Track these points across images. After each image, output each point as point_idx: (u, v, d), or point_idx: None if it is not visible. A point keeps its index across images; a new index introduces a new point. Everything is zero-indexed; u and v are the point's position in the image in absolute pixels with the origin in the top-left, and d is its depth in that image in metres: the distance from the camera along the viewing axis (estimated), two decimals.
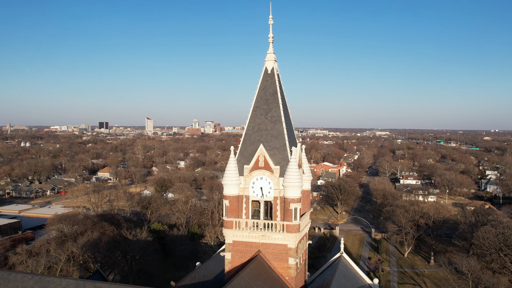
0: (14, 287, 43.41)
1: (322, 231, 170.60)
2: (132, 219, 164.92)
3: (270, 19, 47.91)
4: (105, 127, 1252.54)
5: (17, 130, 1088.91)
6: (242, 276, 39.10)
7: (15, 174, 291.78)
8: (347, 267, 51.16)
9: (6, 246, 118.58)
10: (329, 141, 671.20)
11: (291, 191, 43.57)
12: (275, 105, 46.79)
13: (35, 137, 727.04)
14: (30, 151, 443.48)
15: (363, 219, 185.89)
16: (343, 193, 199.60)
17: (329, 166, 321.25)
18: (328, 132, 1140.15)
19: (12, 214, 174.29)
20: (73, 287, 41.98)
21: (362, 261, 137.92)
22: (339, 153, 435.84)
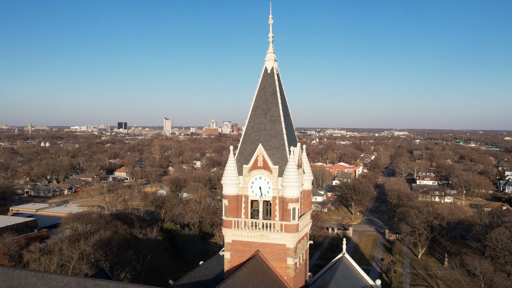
0: (18, 283, 44.17)
1: (336, 232, 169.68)
2: (146, 218, 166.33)
3: (270, 19, 47.88)
4: (124, 127, 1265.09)
5: (38, 130, 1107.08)
6: (238, 275, 39.14)
7: (34, 174, 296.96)
8: (348, 267, 50.77)
9: (22, 244, 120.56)
10: (346, 141, 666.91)
11: (289, 191, 43.46)
12: (275, 105, 46.71)
13: (55, 137, 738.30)
14: (50, 151, 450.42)
15: (377, 220, 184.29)
16: (358, 194, 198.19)
17: (344, 166, 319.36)
18: (345, 132, 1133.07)
19: (29, 213, 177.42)
20: (74, 285, 42.53)
21: (374, 262, 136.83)
22: (355, 153, 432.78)
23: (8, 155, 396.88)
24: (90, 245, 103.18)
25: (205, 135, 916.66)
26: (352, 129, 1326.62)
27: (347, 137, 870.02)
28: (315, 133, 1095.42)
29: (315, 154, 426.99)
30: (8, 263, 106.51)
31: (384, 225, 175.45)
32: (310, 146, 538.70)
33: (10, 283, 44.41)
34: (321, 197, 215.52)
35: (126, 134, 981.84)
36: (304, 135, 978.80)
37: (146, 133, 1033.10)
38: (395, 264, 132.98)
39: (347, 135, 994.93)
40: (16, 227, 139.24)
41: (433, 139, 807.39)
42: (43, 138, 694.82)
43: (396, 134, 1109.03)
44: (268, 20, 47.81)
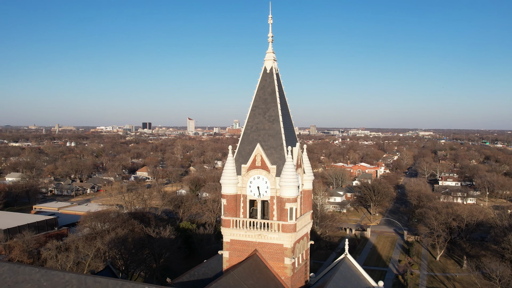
0: (22, 279, 45.42)
1: (353, 233, 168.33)
2: (164, 217, 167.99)
3: (270, 19, 47.88)
4: (148, 127, 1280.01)
5: (65, 130, 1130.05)
6: (232, 274, 39.28)
7: (58, 173, 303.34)
8: (350, 268, 50.34)
9: (41, 241, 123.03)
10: (369, 142, 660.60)
11: (286, 190, 43.40)
12: (273, 105, 46.67)
13: (81, 137, 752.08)
14: (75, 151, 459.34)
15: (396, 221, 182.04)
16: (377, 195, 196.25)
17: (366, 166, 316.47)
18: (369, 132, 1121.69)
19: (51, 211, 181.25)
20: (75, 281, 43.43)
21: (391, 264, 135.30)
22: (378, 154, 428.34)
23: (35, 154, 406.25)
24: (105, 243, 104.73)
25: (228, 135, 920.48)
26: (376, 129, 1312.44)
27: (370, 137, 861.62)
28: (338, 133, 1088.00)
29: (336, 154, 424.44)
30: (26, 260, 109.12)
31: (403, 226, 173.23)
32: (332, 146, 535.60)
33: (15, 279, 45.68)
34: (340, 197, 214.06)
35: (150, 134, 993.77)
36: (327, 135, 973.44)
37: (170, 133, 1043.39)
38: (412, 266, 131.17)
39: (371, 135, 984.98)
40: (37, 225, 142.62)
41: (459, 140, 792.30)
42: (69, 138, 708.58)
43: (421, 134, 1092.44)
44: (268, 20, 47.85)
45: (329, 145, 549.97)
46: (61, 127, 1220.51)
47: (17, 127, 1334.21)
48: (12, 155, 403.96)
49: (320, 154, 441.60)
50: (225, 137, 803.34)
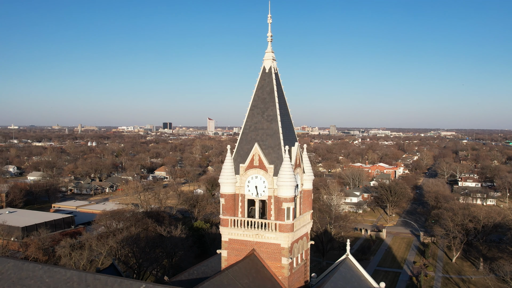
0: (26, 275, 46.53)
1: (369, 233, 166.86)
2: (178, 216, 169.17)
3: (269, 18, 47.84)
4: (169, 127, 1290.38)
5: (87, 130, 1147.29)
6: (226, 273, 39.39)
7: (78, 172, 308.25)
8: (351, 269, 49.93)
9: (56, 239, 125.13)
10: (389, 142, 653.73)
11: (283, 190, 43.32)
12: (272, 104, 46.61)
13: (102, 137, 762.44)
14: (95, 151, 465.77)
15: (413, 222, 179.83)
16: (393, 195, 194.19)
17: (384, 167, 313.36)
18: (390, 132, 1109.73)
19: (69, 210, 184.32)
20: (75, 278, 44.31)
21: (406, 265, 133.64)
22: (397, 154, 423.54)
23: (56, 154, 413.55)
24: (117, 241, 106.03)
25: None
26: (397, 129, 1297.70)
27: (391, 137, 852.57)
28: (358, 133, 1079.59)
29: (355, 154, 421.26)
30: (42, 258, 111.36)
31: (420, 227, 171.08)
32: (351, 146, 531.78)
33: (19, 275, 46.81)
34: (356, 198, 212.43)
35: (170, 134, 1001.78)
36: (347, 135, 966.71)
37: (190, 133, 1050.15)
38: (427, 267, 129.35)
39: (391, 135, 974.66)
40: (54, 223, 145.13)
41: (482, 140, 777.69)
42: (91, 138, 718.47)
43: (443, 134, 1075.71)
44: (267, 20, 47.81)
45: (348, 145, 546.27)
46: (83, 127, 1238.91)
47: (41, 127, 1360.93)
48: (35, 155, 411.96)
49: (339, 154, 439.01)
50: None
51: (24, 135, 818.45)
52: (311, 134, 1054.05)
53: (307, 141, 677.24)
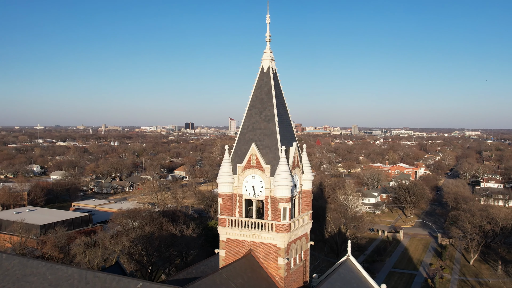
0: (30, 272, 47.72)
1: (386, 234, 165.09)
2: (194, 216, 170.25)
3: (268, 18, 47.84)
4: (191, 127, 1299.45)
5: (110, 130, 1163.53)
6: (220, 273, 39.52)
7: (99, 171, 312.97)
8: (351, 270, 49.48)
9: (73, 237, 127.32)
10: (411, 142, 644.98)
11: (280, 190, 43.25)
12: (269, 104, 46.58)
13: (125, 137, 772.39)
14: (117, 150, 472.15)
15: (432, 223, 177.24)
16: (412, 196, 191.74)
17: (404, 167, 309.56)
18: (413, 132, 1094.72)
19: (88, 208, 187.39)
20: (76, 276, 45.22)
21: (422, 267, 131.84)
22: (419, 154, 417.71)
23: (79, 154, 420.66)
24: (130, 240, 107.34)
25: None
26: (420, 129, 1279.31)
27: (413, 137, 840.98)
28: (381, 133, 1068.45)
29: (375, 154, 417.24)
30: (57, 255, 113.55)
31: (439, 228, 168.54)
32: (372, 146, 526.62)
33: (23, 272, 48.02)
34: (374, 198, 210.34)
35: (192, 134, 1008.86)
36: (369, 135, 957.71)
37: (211, 133, 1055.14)
38: (444, 269, 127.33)
39: (414, 135, 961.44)
40: (71, 221, 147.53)
41: (507, 140, 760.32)
42: (114, 138, 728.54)
43: (467, 134, 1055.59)
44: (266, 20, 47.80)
45: (369, 145, 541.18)
46: (107, 127, 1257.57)
47: (66, 127, 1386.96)
48: (58, 154, 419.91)
49: (359, 154, 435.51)
50: None
51: (49, 135, 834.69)
52: (332, 134, 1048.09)
53: (327, 141, 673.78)
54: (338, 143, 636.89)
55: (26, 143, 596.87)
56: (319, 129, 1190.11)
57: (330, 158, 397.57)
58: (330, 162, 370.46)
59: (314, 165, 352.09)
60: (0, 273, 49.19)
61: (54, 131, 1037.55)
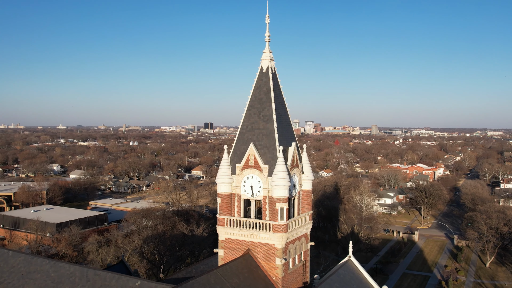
0: (34, 269, 48.88)
1: (401, 236, 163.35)
2: (208, 215, 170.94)
3: (267, 18, 47.83)
4: (210, 127, 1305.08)
5: (131, 130, 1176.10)
6: (215, 272, 39.61)
7: (118, 171, 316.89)
8: (352, 272, 49.03)
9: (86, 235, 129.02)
10: (432, 142, 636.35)
11: (277, 190, 43.17)
12: (268, 104, 46.52)
13: (144, 137, 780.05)
14: (136, 150, 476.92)
15: (448, 224, 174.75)
16: (428, 197, 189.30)
17: (423, 168, 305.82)
18: (434, 132, 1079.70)
19: (105, 207, 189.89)
20: (78, 273, 46.15)
21: (436, 269, 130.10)
22: (438, 155, 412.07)
23: (99, 153, 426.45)
24: (141, 239, 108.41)
25: None
26: (441, 129, 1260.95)
27: (434, 137, 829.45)
28: (401, 133, 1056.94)
29: (394, 155, 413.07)
30: (72, 253, 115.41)
31: (456, 230, 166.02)
32: (391, 146, 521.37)
33: (28, 269, 49.15)
34: (390, 199, 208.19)
35: (211, 134, 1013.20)
36: (389, 135, 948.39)
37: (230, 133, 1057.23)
38: (459, 272, 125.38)
39: (435, 135, 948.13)
40: (87, 220, 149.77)
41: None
42: (134, 138, 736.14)
43: (490, 134, 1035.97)
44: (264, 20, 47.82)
45: (388, 145, 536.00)
46: (128, 127, 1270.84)
47: (88, 127, 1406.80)
48: (78, 154, 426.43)
49: (378, 154, 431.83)
50: None
51: (71, 134, 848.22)
52: (352, 134, 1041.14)
53: (346, 141, 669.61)
54: (356, 143, 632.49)
55: (48, 142, 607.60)
56: (338, 129, 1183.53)
57: (347, 158, 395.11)
58: (348, 162, 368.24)
59: (331, 165, 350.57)
60: (6, 270, 50.41)
61: (76, 131, 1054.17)
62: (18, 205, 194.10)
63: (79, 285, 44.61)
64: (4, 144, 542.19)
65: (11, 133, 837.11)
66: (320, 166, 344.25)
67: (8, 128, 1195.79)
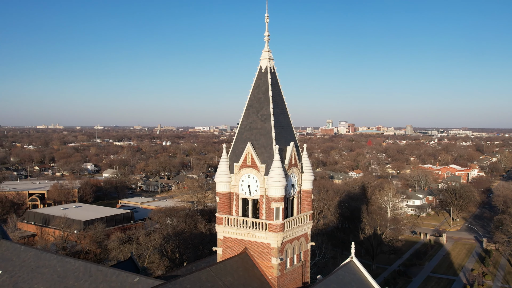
0: (43, 264, 50.79)
1: (428, 238, 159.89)
2: None
3: (266, 17, 47.88)
4: None
5: (165, 130, 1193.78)
6: (207, 270, 39.90)
7: (148, 170, 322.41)
8: (352, 273, 48.31)
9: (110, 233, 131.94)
10: (468, 142, 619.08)
11: (272, 189, 43.13)
12: (266, 104, 46.50)
13: (178, 137, 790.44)
14: (168, 150, 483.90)
15: (478, 227, 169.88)
16: (459, 199, 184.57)
17: (456, 169, 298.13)
18: (471, 132, 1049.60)
19: (132, 206, 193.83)
20: (82, 268, 47.71)
21: (462, 273, 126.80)
22: (473, 155, 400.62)
23: (132, 153, 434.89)
24: (162, 236, 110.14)
25: (319, 135, 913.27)
26: (479, 129, 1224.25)
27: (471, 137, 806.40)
28: (437, 134, 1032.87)
29: (427, 155, 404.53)
30: (95, 250, 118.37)
31: (486, 233, 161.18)
32: (424, 147, 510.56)
33: (37, 263, 51.14)
34: (419, 200, 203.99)
35: None
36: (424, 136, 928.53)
37: None
38: (485, 276, 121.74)
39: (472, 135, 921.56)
40: (114, 218, 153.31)
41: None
42: (168, 138, 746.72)
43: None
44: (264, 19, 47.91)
45: (422, 146, 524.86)
46: (162, 127, 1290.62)
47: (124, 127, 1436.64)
48: (112, 153, 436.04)
49: (411, 155, 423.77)
50: (315, 138, 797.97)
51: (107, 134, 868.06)
52: (386, 134, 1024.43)
53: (379, 141, 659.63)
54: (390, 143, 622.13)
55: (84, 142, 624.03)
56: (372, 129, 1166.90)
57: (379, 159, 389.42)
58: (379, 163, 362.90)
59: (362, 166, 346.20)
60: (18, 264, 52.57)
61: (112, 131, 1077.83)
62: (51, 203, 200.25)
63: (82, 279, 46.12)
64: (42, 144, 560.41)
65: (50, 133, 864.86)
66: (350, 167, 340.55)
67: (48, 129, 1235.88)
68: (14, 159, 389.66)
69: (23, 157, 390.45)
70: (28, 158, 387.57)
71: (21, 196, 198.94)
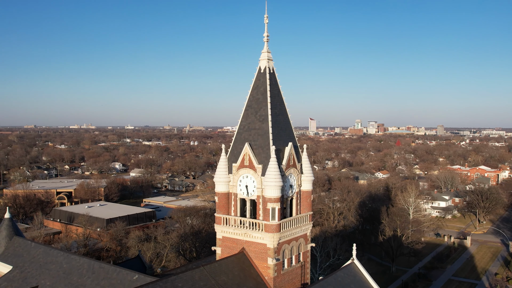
0: (50, 260, 52.58)
1: (452, 240, 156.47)
2: None
3: (266, 18, 47.93)
4: None
5: (194, 130, 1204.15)
6: (201, 269, 40.24)
7: (174, 169, 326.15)
8: (353, 275, 47.76)
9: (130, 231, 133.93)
10: (501, 143, 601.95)
11: (269, 190, 43.19)
12: (264, 104, 46.55)
13: (206, 137, 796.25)
14: (196, 149, 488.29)
15: (505, 230, 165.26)
16: (486, 201, 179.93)
17: (485, 170, 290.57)
18: (505, 133, 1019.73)
19: (156, 205, 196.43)
20: (86, 265, 49.12)
21: (485, 277, 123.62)
22: (505, 156, 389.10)
23: (159, 152, 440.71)
24: (178, 235, 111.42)
25: (348, 135, 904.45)
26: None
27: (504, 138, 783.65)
28: (469, 134, 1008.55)
29: (456, 156, 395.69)
30: (115, 247, 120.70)
31: (509, 236, 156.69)
32: (454, 147, 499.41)
33: (45, 260, 52.88)
34: (445, 202, 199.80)
35: None
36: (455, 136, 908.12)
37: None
38: (510, 281, 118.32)
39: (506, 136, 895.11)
40: (136, 216, 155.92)
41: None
42: (196, 138, 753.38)
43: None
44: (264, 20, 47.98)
45: (452, 146, 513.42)
46: (191, 127, 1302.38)
47: (154, 127, 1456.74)
48: (141, 153, 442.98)
49: (440, 155, 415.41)
50: (344, 138, 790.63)
51: (137, 134, 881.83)
52: (416, 134, 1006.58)
53: (408, 141, 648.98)
54: (419, 144, 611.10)
55: (114, 142, 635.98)
56: (402, 129, 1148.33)
57: (407, 160, 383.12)
58: (407, 164, 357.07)
59: (388, 166, 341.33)
60: (28, 260, 54.38)
61: (142, 131, 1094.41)
62: (78, 201, 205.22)
63: (85, 276, 47.41)
64: (74, 143, 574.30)
65: (82, 133, 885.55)
66: (376, 167, 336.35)
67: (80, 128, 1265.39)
68: (46, 158, 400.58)
69: (54, 156, 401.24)
70: (59, 157, 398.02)
71: (49, 194, 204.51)
